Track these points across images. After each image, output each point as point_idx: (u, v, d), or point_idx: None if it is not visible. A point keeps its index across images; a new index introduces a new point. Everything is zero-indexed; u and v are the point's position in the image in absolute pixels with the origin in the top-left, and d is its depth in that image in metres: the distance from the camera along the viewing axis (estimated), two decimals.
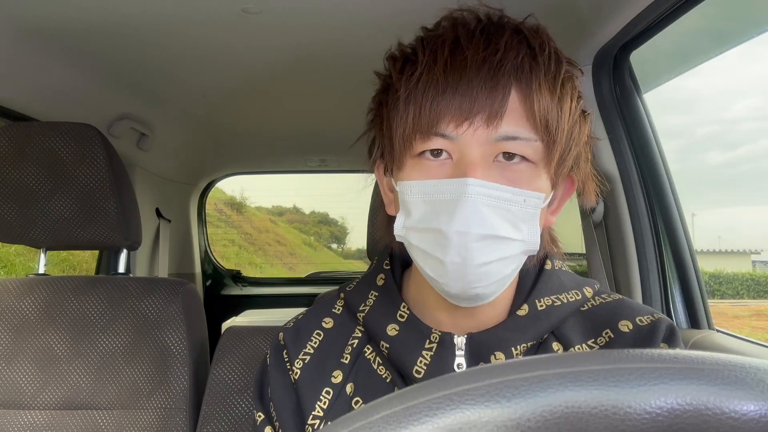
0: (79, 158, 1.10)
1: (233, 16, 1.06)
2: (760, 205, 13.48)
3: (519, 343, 0.59)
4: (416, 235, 0.56)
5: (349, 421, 0.25)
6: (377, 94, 0.63)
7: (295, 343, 0.66)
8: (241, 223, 8.43)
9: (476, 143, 0.53)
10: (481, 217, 0.52)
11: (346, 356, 0.64)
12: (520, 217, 0.54)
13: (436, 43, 0.56)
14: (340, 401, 0.62)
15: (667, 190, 1.14)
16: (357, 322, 0.66)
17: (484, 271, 0.53)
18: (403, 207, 0.58)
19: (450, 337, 0.60)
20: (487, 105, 0.52)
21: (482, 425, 0.23)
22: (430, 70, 0.54)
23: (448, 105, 0.53)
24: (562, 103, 0.55)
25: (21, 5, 1.01)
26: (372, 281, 0.68)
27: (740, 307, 5.67)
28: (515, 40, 0.55)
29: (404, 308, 0.63)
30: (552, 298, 0.61)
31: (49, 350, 1.09)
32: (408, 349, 0.60)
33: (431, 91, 0.53)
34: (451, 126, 0.53)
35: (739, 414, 0.22)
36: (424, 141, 0.54)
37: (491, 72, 0.53)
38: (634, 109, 1.15)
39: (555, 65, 0.55)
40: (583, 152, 0.60)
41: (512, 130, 0.53)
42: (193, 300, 1.16)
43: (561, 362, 0.25)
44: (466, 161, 0.53)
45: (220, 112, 1.78)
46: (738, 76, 17.16)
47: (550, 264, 0.65)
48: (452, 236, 0.52)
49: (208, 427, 0.99)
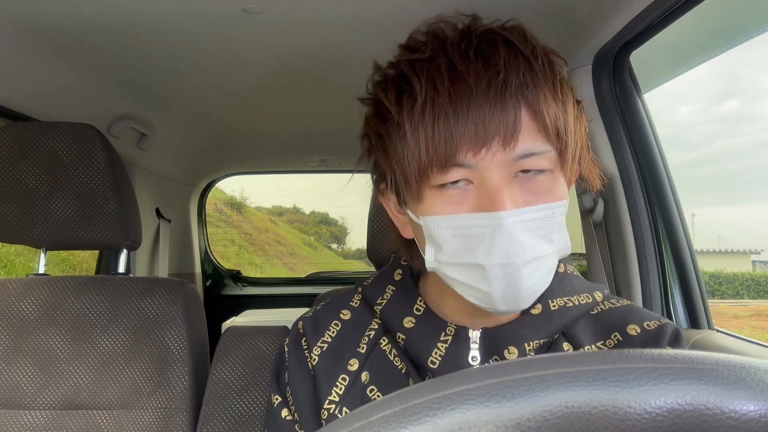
0: (79, 158, 1.10)
1: (233, 15, 1.06)
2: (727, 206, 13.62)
3: (532, 340, 0.60)
4: (452, 269, 0.56)
5: (349, 421, 0.25)
6: (371, 124, 0.61)
7: (315, 331, 0.69)
8: (241, 223, 8.43)
9: (495, 166, 0.53)
10: (520, 245, 0.52)
11: (362, 346, 0.67)
12: (551, 230, 0.55)
13: (430, 69, 0.55)
14: (355, 388, 0.64)
15: (667, 190, 1.14)
16: (374, 315, 0.68)
17: (530, 292, 0.55)
18: (430, 240, 0.57)
19: (465, 331, 0.61)
20: (501, 128, 0.52)
21: (482, 425, 0.23)
22: (434, 100, 0.53)
23: (462, 134, 0.52)
24: (565, 105, 0.56)
25: (21, 5, 1.01)
26: (389, 276, 0.70)
27: (740, 307, 5.68)
28: (511, 55, 0.54)
29: (420, 302, 0.65)
30: (564, 299, 0.63)
31: (49, 350, 1.09)
32: (424, 340, 0.62)
33: (441, 121, 0.53)
34: (470, 154, 0.53)
35: (739, 414, 0.22)
36: (443, 173, 0.54)
37: (498, 94, 0.52)
38: (634, 109, 1.15)
39: (551, 69, 0.56)
40: (585, 141, 0.60)
41: (528, 146, 0.53)
42: (193, 300, 1.16)
43: (561, 362, 0.25)
44: (489, 187, 0.53)
45: (220, 112, 1.78)
46: (681, 80, 17.58)
47: (563, 267, 0.67)
48: (495, 269, 0.53)
49: (208, 427, 0.99)
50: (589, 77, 1.15)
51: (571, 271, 0.68)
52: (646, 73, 1.16)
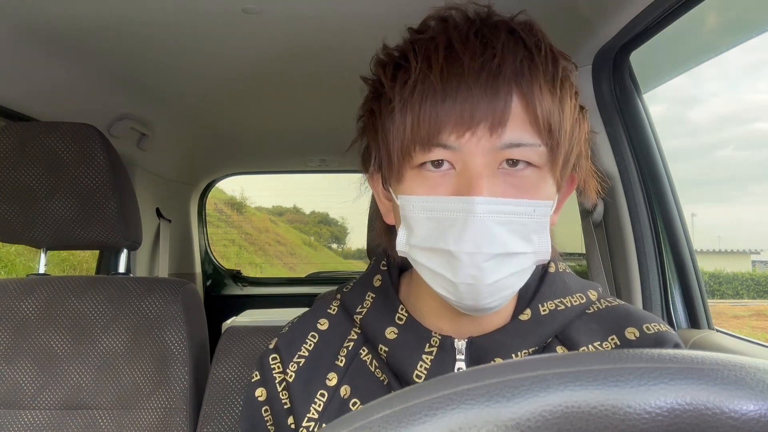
0: (79, 158, 1.10)
1: (233, 15, 1.06)
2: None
3: (520, 349, 0.58)
4: (422, 253, 0.54)
5: (349, 421, 0.25)
6: (367, 101, 0.60)
7: (289, 347, 0.65)
8: (241, 223, 8.43)
9: (480, 152, 0.51)
10: (491, 235, 0.50)
11: (341, 358, 0.64)
12: (531, 228, 0.52)
13: (428, 47, 0.53)
14: (333, 403, 0.61)
15: (667, 190, 1.14)
16: (353, 324, 0.65)
17: (496, 288, 0.52)
18: (404, 222, 0.56)
19: (450, 341, 0.59)
20: (489, 113, 0.50)
21: (482, 425, 0.23)
22: (426, 77, 0.51)
23: (448, 114, 0.50)
24: (563, 103, 0.53)
25: (21, 4, 1.01)
26: (369, 282, 0.67)
27: (740, 307, 5.68)
28: (511, 41, 0.53)
29: (402, 311, 0.62)
30: (555, 302, 0.60)
31: (50, 350, 1.09)
32: (407, 353, 0.59)
33: (429, 99, 0.51)
34: (453, 136, 0.51)
35: (739, 414, 0.23)
36: (425, 152, 0.52)
37: (491, 78, 0.50)
38: (634, 109, 1.15)
39: (553, 65, 0.54)
40: (583, 150, 0.58)
41: (516, 136, 0.51)
42: (193, 300, 1.16)
43: (561, 362, 0.25)
44: (470, 173, 0.51)
45: (220, 112, 1.78)
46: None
47: (553, 267, 0.64)
48: (462, 257, 0.50)
49: (208, 427, 0.99)
50: (589, 77, 1.15)
51: (564, 269, 0.65)
52: (646, 73, 1.16)
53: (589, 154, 0.60)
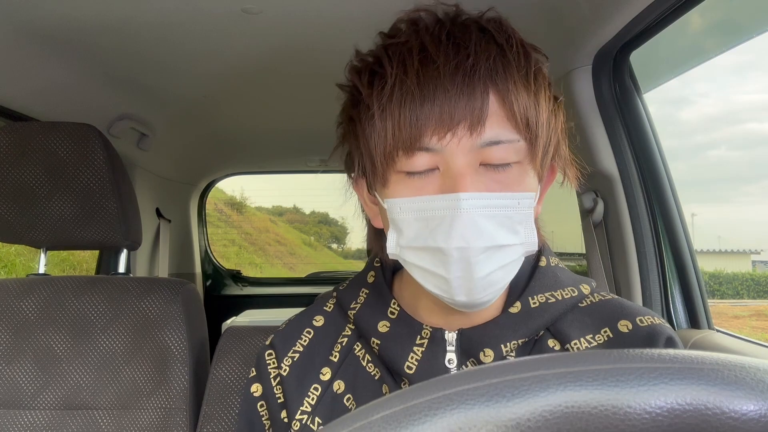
0: (79, 158, 1.10)
1: (233, 16, 1.06)
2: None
3: (509, 340, 0.58)
4: (413, 253, 0.55)
5: (349, 421, 0.25)
6: (345, 109, 0.61)
7: (285, 343, 0.67)
8: (241, 223, 8.43)
9: (461, 152, 0.52)
10: (479, 229, 0.51)
11: (335, 354, 0.65)
12: (516, 220, 0.54)
13: (402, 51, 0.54)
14: (326, 398, 0.62)
15: (667, 190, 1.14)
16: (347, 320, 0.67)
17: (488, 281, 0.53)
18: (393, 225, 0.57)
19: (441, 333, 0.60)
20: (467, 112, 0.51)
21: (482, 425, 0.23)
22: (402, 82, 0.53)
23: (428, 116, 0.52)
24: (538, 97, 0.55)
25: (21, 4, 1.01)
26: (363, 279, 0.69)
27: (740, 307, 5.67)
28: (483, 40, 0.54)
29: (394, 305, 0.64)
30: (546, 295, 0.61)
31: (49, 350, 1.09)
32: (399, 345, 0.60)
33: (408, 103, 0.52)
34: (435, 138, 0.52)
35: (739, 414, 0.22)
36: (408, 156, 0.53)
37: (466, 78, 0.52)
38: (634, 109, 1.15)
39: (525, 59, 0.55)
40: (561, 139, 0.59)
41: (495, 133, 0.52)
42: (193, 300, 1.16)
43: (561, 362, 0.25)
44: (453, 172, 0.52)
45: (220, 112, 1.78)
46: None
47: (544, 261, 0.65)
48: (453, 253, 0.51)
49: (208, 427, 0.99)
50: (588, 77, 1.14)
51: (556, 264, 0.65)
52: (646, 73, 1.16)
53: (566, 142, 0.61)
